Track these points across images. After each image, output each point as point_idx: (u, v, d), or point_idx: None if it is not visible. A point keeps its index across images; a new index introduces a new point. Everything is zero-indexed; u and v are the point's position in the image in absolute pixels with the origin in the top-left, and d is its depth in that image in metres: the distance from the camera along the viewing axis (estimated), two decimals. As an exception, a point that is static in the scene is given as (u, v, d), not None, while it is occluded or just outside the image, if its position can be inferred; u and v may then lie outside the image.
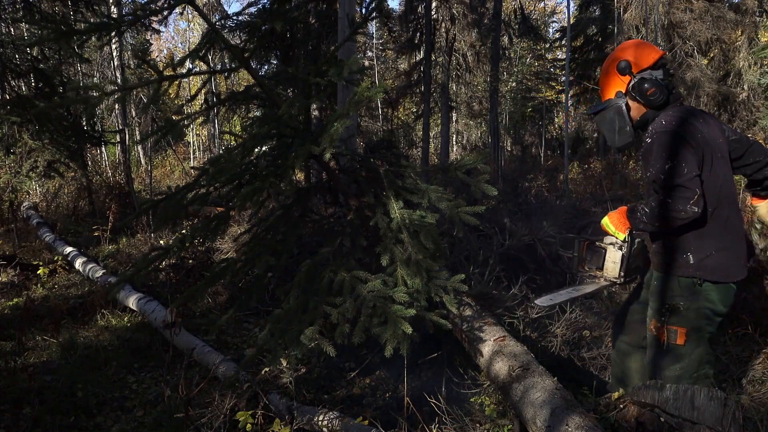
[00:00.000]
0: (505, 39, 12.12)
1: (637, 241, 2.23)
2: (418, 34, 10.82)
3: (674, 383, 2.03)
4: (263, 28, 2.49)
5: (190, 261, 4.76)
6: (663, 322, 2.08)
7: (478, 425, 2.21)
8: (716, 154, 2.03)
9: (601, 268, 2.26)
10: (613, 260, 2.22)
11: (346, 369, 3.04)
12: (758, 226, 3.40)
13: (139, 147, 15.76)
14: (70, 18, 7.17)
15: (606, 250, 2.24)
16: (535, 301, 2.42)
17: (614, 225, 2.16)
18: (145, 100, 15.62)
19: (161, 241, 5.83)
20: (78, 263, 5.23)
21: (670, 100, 2.10)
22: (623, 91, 2.16)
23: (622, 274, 2.21)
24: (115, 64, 10.17)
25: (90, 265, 5.04)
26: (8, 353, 3.34)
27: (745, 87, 10.46)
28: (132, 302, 4.06)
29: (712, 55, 11.20)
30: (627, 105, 2.16)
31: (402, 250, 2.16)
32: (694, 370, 2.08)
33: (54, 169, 7.18)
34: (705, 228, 2.02)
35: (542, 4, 22.63)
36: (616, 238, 2.18)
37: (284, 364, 2.66)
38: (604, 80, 2.25)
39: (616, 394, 2.08)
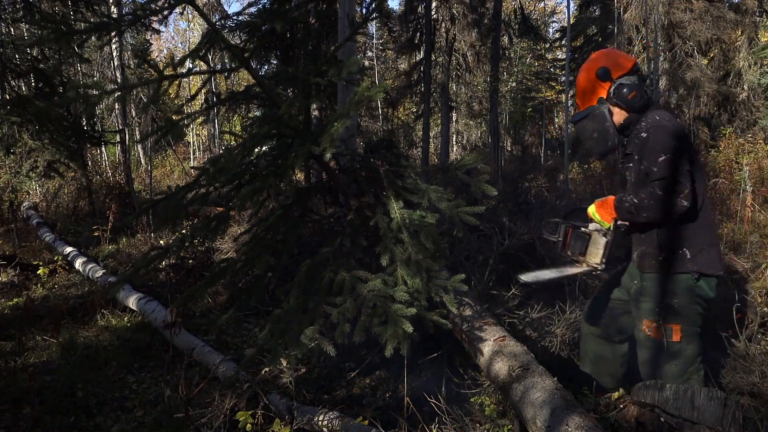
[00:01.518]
0: (505, 39, 12.12)
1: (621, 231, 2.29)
2: (418, 34, 10.81)
3: (674, 380, 2.10)
4: (263, 28, 2.48)
5: (190, 261, 4.75)
6: (659, 321, 2.12)
7: (478, 425, 2.21)
8: (698, 155, 2.16)
9: (584, 254, 2.31)
10: (596, 246, 2.28)
11: (346, 369, 3.04)
12: None
13: (139, 147, 15.75)
14: (70, 18, 7.16)
15: (590, 236, 2.30)
16: (520, 276, 2.46)
17: (600, 213, 2.23)
18: (145, 100, 15.62)
19: (161, 241, 5.83)
20: (78, 263, 5.23)
21: (649, 103, 2.19)
22: (604, 97, 2.22)
23: (604, 260, 2.26)
24: (115, 64, 10.17)
25: (90, 265, 5.04)
26: (8, 353, 3.34)
27: (745, 87, 10.45)
28: (132, 302, 4.06)
29: (712, 55, 11.19)
30: (609, 110, 2.22)
31: (402, 250, 2.16)
32: (691, 365, 2.14)
33: (54, 169, 7.17)
34: (696, 223, 2.11)
35: (542, 4, 22.63)
36: (602, 225, 2.24)
37: (284, 364, 2.66)
38: (583, 89, 2.30)
39: (616, 394, 2.09)
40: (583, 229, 2.33)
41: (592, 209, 2.26)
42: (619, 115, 2.22)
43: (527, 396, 1.89)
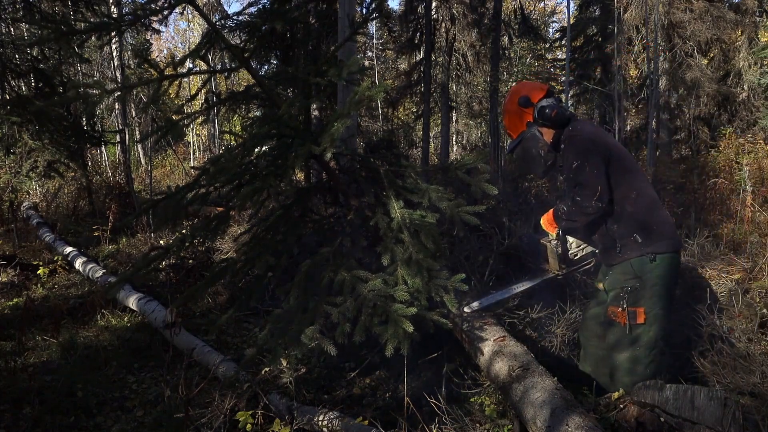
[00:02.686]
0: (505, 39, 12.08)
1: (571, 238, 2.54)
2: (418, 34, 10.81)
3: (635, 364, 2.21)
4: (263, 28, 2.48)
5: (190, 261, 4.75)
6: (623, 306, 2.22)
7: (478, 425, 2.20)
8: (619, 150, 2.30)
9: (547, 262, 2.58)
10: (551, 256, 2.52)
11: (346, 369, 3.03)
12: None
13: (139, 147, 15.76)
14: (70, 18, 7.15)
15: (546, 247, 2.54)
16: (464, 308, 2.61)
17: (545, 225, 2.45)
18: (145, 100, 15.61)
19: (161, 241, 5.82)
20: (78, 263, 5.23)
21: (570, 117, 2.39)
22: (531, 121, 2.43)
23: (563, 266, 2.52)
24: (115, 64, 10.16)
25: (90, 265, 5.04)
26: (8, 353, 3.34)
27: (745, 87, 10.45)
28: (132, 302, 4.06)
29: (712, 55, 11.18)
30: (539, 131, 2.43)
31: (402, 250, 2.16)
32: (652, 348, 2.22)
33: (54, 169, 7.17)
34: (643, 208, 2.24)
35: (542, 4, 22.61)
36: (550, 236, 2.48)
37: (284, 364, 2.66)
38: (511, 119, 2.50)
39: (616, 394, 2.09)
40: (542, 240, 2.56)
41: (541, 221, 2.47)
42: (548, 134, 2.41)
43: (527, 396, 1.89)
